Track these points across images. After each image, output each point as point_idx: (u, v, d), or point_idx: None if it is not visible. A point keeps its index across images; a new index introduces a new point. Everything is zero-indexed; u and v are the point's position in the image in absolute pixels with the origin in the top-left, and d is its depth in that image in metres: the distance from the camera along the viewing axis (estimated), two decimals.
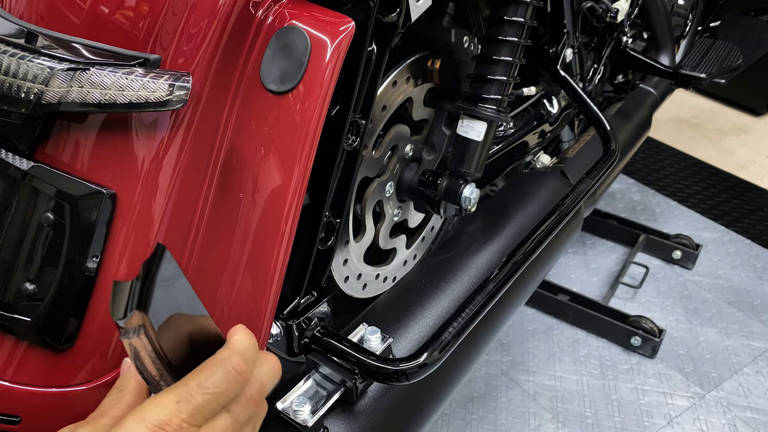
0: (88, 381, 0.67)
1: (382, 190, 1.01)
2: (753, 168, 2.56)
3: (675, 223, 2.18)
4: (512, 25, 0.97)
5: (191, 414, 0.46)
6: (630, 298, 1.85)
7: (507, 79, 0.98)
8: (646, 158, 2.55)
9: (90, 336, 0.65)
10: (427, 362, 0.74)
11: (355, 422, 0.77)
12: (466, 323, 0.80)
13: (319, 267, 0.82)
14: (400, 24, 0.77)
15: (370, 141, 0.93)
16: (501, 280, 0.88)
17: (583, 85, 1.51)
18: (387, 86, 0.93)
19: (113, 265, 0.65)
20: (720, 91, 2.98)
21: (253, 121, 0.68)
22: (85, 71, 0.59)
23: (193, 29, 0.63)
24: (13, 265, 0.65)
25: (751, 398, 1.56)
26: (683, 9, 1.94)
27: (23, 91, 0.59)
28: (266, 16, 0.68)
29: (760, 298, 1.86)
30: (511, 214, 1.13)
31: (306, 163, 0.68)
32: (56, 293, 0.64)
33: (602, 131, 1.24)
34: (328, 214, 0.80)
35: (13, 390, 0.67)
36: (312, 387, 0.78)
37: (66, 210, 0.64)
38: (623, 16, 1.45)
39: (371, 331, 0.81)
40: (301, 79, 0.67)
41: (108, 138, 0.64)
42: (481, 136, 0.99)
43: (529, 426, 1.47)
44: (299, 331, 0.79)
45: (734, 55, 1.81)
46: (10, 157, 0.65)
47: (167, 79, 0.61)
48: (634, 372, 1.62)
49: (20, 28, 0.64)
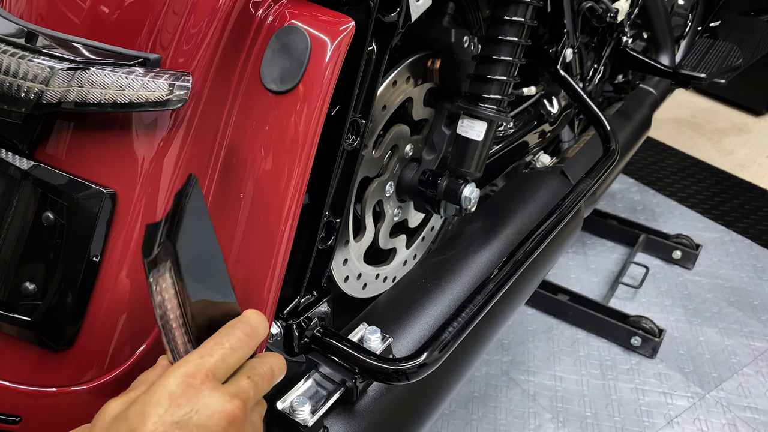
0: (88, 381, 0.67)
1: (382, 190, 1.01)
2: (753, 168, 2.56)
3: (675, 223, 2.18)
4: (512, 25, 0.97)
5: (213, 366, 0.53)
6: (630, 298, 1.85)
7: (507, 79, 0.98)
8: (646, 158, 2.55)
9: (90, 336, 0.65)
10: (427, 362, 0.74)
11: (355, 422, 0.77)
12: (466, 323, 0.80)
13: (319, 267, 0.82)
14: (400, 24, 0.77)
15: (370, 141, 0.93)
16: (501, 279, 0.87)
17: (583, 85, 1.51)
18: (387, 86, 0.93)
19: (113, 265, 0.65)
20: (720, 91, 2.98)
21: (253, 121, 0.68)
22: (85, 71, 0.59)
23: (193, 29, 0.63)
24: (12, 265, 0.65)
25: (751, 398, 1.56)
26: (683, 9, 1.94)
27: (23, 90, 0.59)
28: (266, 16, 0.68)
29: (760, 298, 1.86)
30: (511, 214, 1.13)
31: (306, 163, 0.68)
32: (56, 293, 0.64)
33: (602, 131, 1.24)
34: (328, 214, 0.80)
35: (13, 390, 0.67)
36: (312, 387, 0.78)
37: (66, 209, 0.64)
38: (623, 16, 1.45)
39: (371, 330, 0.81)
40: (301, 78, 0.67)
41: (108, 137, 0.64)
42: (481, 136, 0.99)
43: (529, 426, 1.47)
44: (299, 331, 0.79)
45: (734, 55, 1.81)
46: (10, 156, 0.65)
47: (167, 78, 0.61)
48: (634, 372, 1.62)
49: (20, 27, 0.64)
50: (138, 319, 0.67)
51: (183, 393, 0.51)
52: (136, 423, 0.50)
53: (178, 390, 0.51)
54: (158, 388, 0.51)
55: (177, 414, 0.50)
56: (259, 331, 0.58)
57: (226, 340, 0.55)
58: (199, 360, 0.53)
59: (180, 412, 0.50)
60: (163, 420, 0.50)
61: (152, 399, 0.51)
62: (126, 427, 0.50)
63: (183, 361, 0.54)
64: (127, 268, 0.65)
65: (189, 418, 0.50)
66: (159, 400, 0.50)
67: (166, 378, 0.52)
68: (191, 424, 0.50)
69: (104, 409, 0.54)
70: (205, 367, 0.53)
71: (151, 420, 0.49)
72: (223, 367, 0.54)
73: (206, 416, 0.51)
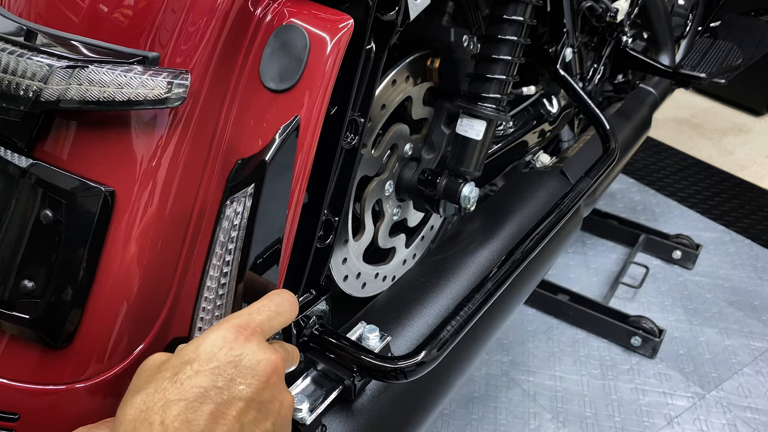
0: (87, 379, 0.67)
1: (381, 189, 1.01)
2: (753, 168, 2.56)
3: (675, 223, 2.18)
4: (512, 24, 0.97)
5: (261, 323, 0.59)
6: (630, 298, 1.85)
7: (506, 78, 0.98)
8: (646, 158, 2.55)
9: (89, 333, 0.65)
10: (426, 360, 0.74)
11: (354, 420, 0.77)
12: (465, 321, 0.80)
13: (317, 265, 0.82)
14: (399, 22, 0.77)
15: (369, 140, 0.93)
16: (500, 278, 0.87)
17: (583, 84, 1.51)
18: (386, 85, 0.93)
19: (112, 263, 0.65)
20: (720, 91, 2.98)
21: (251, 119, 0.68)
22: (83, 69, 0.59)
23: (191, 27, 0.63)
24: (11, 263, 0.65)
25: (751, 398, 1.55)
26: (683, 9, 1.94)
27: (22, 88, 0.59)
28: (265, 14, 0.68)
29: (760, 298, 1.86)
30: (510, 213, 1.13)
31: (305, 162, 0.68)
32: (55, 291, 0.64)
33: (602, 131, 1.24)
34: (326, 213, 0.80)
35: (11, 387, 0.67)
36: (310, 385, 0.78)
37: (64, 207, 0.64)
38: (623, 16, 1.45)
39: (370, 329, 0.81)
40: (300, 77, 0.67)
41: (106, 135, 0.64)
42: (480, 135, 0.99)
43: (529, 426, 1.47)
44: (298, 329, 0.79)
45: (734, 55, 1.81)
46: (9, 154, 0.65)
47: (166, 76, 0.61)
48: (634, 372, 1.62)
49: (19, 25, 0.64)
50: (137, 316, 0.67)
51: (235, 338, 0.55)
52: (192, 356, 0.54)
53: (231, 335, 0.55)
54: (212, 332, 0.56)
55: (231, 354, 0.54)
56: (297, 304, 0.64)
57: (273, 304, 0.61)
58: (248, 316, 0.58)
59: (233, 353, 0.54)
60: (218, 357, 0.54)
61: (207, 340, 0.55)
62: (180, 360, 0.54)
63: (234, 315, 0.59)
64: (126, 266, 0.65)
65: (240, 359, 0.54)
66: (214, 341, 0.55)
67: (219, 326, 0.56)
68: (242, 365, 0.54)
69: (146, 362, 0.57)
70: (254, 322, 0.58)
71: (206, 355, 0.54)
72: (268, 325, 0.59)
73: (255, 360, 0.55)
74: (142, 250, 0.65)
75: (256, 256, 0.65)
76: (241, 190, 0.63)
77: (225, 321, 0.57)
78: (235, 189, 0.64)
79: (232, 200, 0.64)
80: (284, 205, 0.66)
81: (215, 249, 0.66)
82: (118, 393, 0.66)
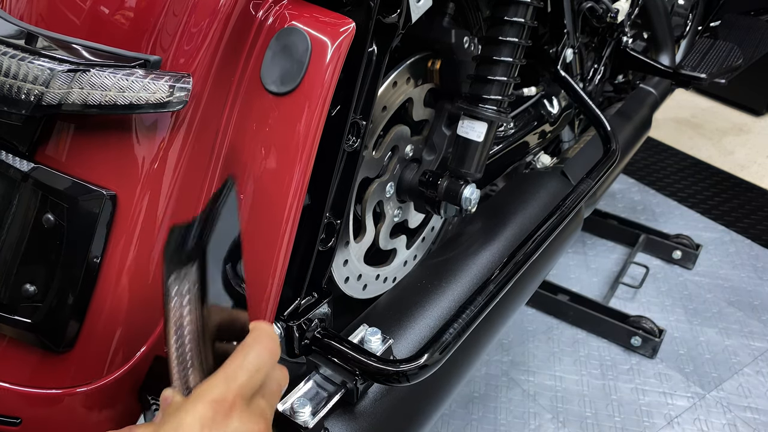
0: (88, 383, 0.67)
1: (382, 191, 1.01)
2: (753, 168, 2.55)
3: (675, 223, 2.18)
4: (512, 26, 0.97)
5: (240, 388, 0.53)
6: (630, 298, 1.85)
7: (507, 80, 0.98)
8: (646, 158, 2.55)
9: (90, 338, 0.65)
10: (428, 363, 0.74)
11: (356, 423, 0.77)
12: (467, 324, 0.80)
13: (319, 268, 0.82)
14: (401, 25, 0.77)
15: (370, 141, 0.93)
16: (501, 280, 0.87)
17: (584, 85, 1.51)
18: (387, 87, 0.93)
19: (114, 267, 0.65)
20: (720, 91, 2.98)
21: (253, 123, 0.68)
22: (85, 73, 0.59)
23: (193, 30, 0.63)
24: (13, 267, 0.65)
25: (752, 398, 1.56)
26: (683, 9, 1.94)
27: (23, 92, 0.59)
28: (267, 17, 0.68)
29: (760, 298, 1.86)
30: (511, 214, 1.13)
31: (306, 164, 0.68)
32: (56, 295, 0.64)
33: (602, 131, 1.24)
34: (328, 215, 0.80)
35: (13, 391, 0.66)
36: (313, 388, 0.78)
37: (66, 211, 0.64)
38: (623, 16, 1.45)
39: (372, 332, 0.81)
40: (301, 80, 0.67)
41: (108, 139, 0.64)
42: (481, 137, 0.99)
43: (529, 426, 1.47)
44: (300, 333, 0.79)
45: (734, 55, 1.81)
46: (11, 158, 0.65)
47: (167, 80, 0.61)
48: (634, 372, 1.62)
49: (20, 29, 0.64)
50: (138, 321, 0.67)
51: (213, 419, 0.51)
52: None
53: (209, 414, 0.51)
54: (188, 415, 0.51)
55: None
56: (277, 346, 0.58)
57: (249, 362, 0.55)
58: (225, 385, 0.53)
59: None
60: None
61: (183, 424, 0.50)
62: None
63: (209, 385, 0.53)
64: (127, 269, 0.65)
65: None
66: (192, 426, 0.50)
67: (194, 404, 0.51)
68: None
69: None
70: (232, 393, 0.53)
71: None
72: (248, 388, 0.54)
73: None
74: (143, 255, 0.65)
75: (221, 295, 0.57)
76: (185, 269, 0.54)
77: (200, 396, 0.52)
78: (176, 267, 0.54)
79: (176, 284, 0.54)
80: (238, 243, 0.59)
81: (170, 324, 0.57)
82: (119, 397, 0.66)
